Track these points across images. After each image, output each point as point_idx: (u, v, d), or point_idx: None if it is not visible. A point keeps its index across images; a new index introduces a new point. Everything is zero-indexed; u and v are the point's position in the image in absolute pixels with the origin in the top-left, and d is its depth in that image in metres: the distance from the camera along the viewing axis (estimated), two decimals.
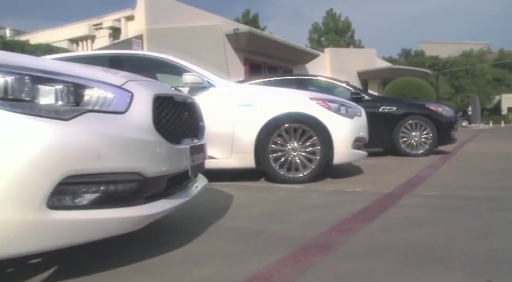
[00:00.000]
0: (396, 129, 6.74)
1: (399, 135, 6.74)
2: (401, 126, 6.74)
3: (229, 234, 2.35)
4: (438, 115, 6.88)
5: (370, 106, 6.68)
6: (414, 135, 6.76)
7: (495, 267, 1.68)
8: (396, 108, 6.86)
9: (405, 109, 6.89)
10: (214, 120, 4.12)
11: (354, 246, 2.01)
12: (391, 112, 6.82)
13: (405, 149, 6.73)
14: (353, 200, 3.20)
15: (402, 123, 6.76)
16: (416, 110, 6.93)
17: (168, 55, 4.41)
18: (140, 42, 10.74)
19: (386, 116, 6.82)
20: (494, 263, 1.72)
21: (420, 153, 6.68)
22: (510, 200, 3.05)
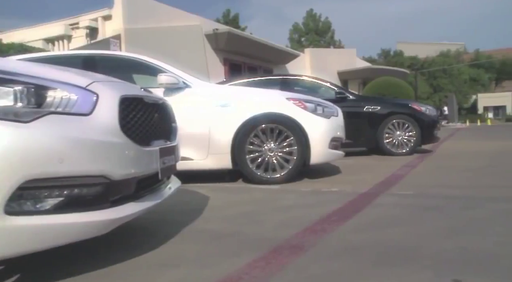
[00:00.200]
0: (380, 129, 6.76)
1: (384, 135, 6.77)
2: (385, 126, 6.77)
3: (202, 236, 2.32)
4: (421, 115, 6.94)
5: (354, 105, 6.82)
6: (398, 134, 6.79)
7: (463, 265, 1.69)
8: (380, 107, 6.89)
9: (389, 108, 6.93)
10: (190, 121, 4.10)
11: (326, 247, 2.00)
12: (376, 112, 6.85)
13: (390, 148, 6.77)
14: (329, 200, 3.20)
15: (387, 123, 6.79)
16: (400, 110, 6.97)
17: (143, 56, 4.35)
18: (118, 42, 10.59)
19: (370, 116, 6.84)
20: (462, 262, 1.73)
21: (404, 152, 6.73)
22: (482, 198, 3.09)
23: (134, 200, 1.89)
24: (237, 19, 39.29)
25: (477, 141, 10.92)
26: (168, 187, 2.48)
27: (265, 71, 17.81)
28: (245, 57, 16.58)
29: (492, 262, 1.72)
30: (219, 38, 14.59)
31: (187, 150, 4.08)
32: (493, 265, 1.69)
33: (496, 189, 3.52)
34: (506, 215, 2.54)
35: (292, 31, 43.01)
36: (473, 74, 49.67)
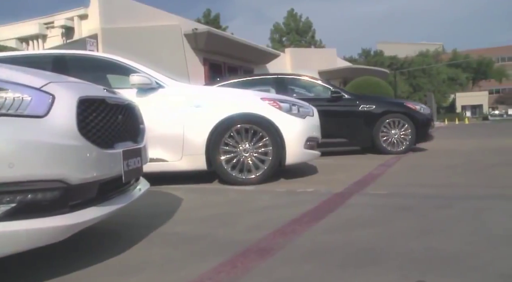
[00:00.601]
0: (376, 128, 6.77)
1: (380, 134, 6.78)
2: (381, 125, 6.77)
3: (170, 239, 2.27)
4: (416, 113, 6.97)
5: (350, 104, 6.88)
6: (394, 133, 6.81)
7: (429, 266, 1.68)
8: (376, 106, 6.88)
9: (384, 107, 6.93)
10: (164, 122, 4.04)
11: (295, 249, 1.97)
12: (371, 111, 6.85)
13: (386, 146, 6.78)
14: (303, 200, 3.18)
15: (382, 122, 6.79)
16: (395, 109, 6.99)
17: (115, 56, 4.26)
18: (95, 42, 10.40)
19: (366, 115, 6.84)
20: (429, 262, 1.72)
21: (400, 150, 6.75)
22: (454, 197, 3.11)
23: (96, 204, 1.83)
24: (218, 19, 39.13)
25: (454, 139, 11.09)
26: (138, 188, 2.43)
27: (245, 71, 17.75)
28: (225, 57, 16.49)
29: (457, 262, 1.71)
30: (199, 38, 14.47)
31: (161, 151, 4.03)
32: (458, 265, 1.68)
33: (469, 187, 3.55)
34: (475, 213, 2.55)
35: (273, 31, 43.07)
36: (451, 74, 50.57)
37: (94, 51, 10.28)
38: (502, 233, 2.09)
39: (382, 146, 6.78)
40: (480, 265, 1.67)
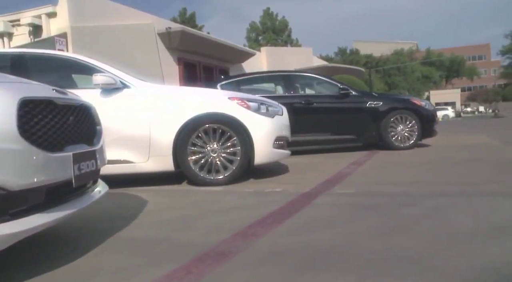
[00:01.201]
0: (383, 124, 6.80)
1: (388, 130, 6.81)
2: (388, 121, 6.81)
3: (128, 244, 2.19)
4: (422, 109, 7.05)
5: (357, 101, 6.90)
6: (401, 129, 6.86)
7: (387, 267, 1.66)
8: (383, 103, 6.90)
9: (391, 104, 6.98)
10: (130, 123, 3.95)
11: (253, 252, 1.92)
12: (378, 107, 6.85)
13: (394, 142, 6.83)
14: (270, 201, 3.14)
15: (389, 118, 6.83)
16: (401, 105, 7.04)
17: (79, 55, 4.14)
18: (64, 41, 10.12)
19: (373, 111, 6.85)
20: (387, 263, 1.69)
21: (407, 145, 6.82)
22: (419, 195, 3.12)
23: (43, 210, 1.74)
24: (194, 18, 38.88)
25: None
26: (97, 191, 2.35)
27: (220, 71, 17.65)
28: (200, 57, 16.34)
29: (416, 262, 1.69)
30: (173, 37, 14.29)
31: (127, 152, 3.94)
32: (416, 266, 1.66)
33: (435, 185, 3.57)
34: (438, 211, 2.55)
35: (249, 30, 43.02)
36: (425, 72, 51.55)
37: (63, 51, 10.04)
38: (461, 231, 2.09)
39: (391, 142, 6.83)
40: (438, 265, 1.65)
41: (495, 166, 4.50)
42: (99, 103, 3.91)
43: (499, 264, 1.62)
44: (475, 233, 2.04)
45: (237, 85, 7.15)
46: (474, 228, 2.12)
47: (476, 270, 1.58)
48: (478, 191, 3.14)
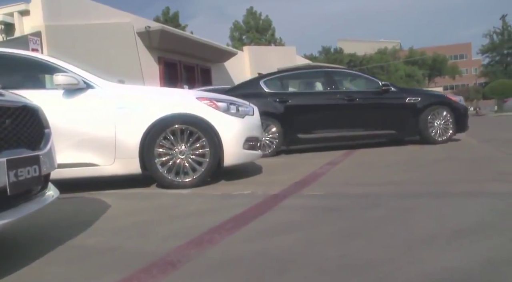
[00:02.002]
0: (422, 119, 6.88)
1: (428, 124, 6.89)
2: (427, 116, 6.89)
3: (77, 254, 2.08)
4: (456, 104, 7.20)
5: (397, 97, 7.02)
6: (438, 124, 6.96)
7: (338, 276, 1.58)
8: (421, 99, 6.99)
9: (429, 99, 7.07)
10: (94, 124, 3.83)
11: (204, 261, 1.83)
12: (417, 103, 6.93)
13: (434, 136, 6.92)
14: (235, 204, 3.05)
15: (428, 113, 6.90)
16: (438, 100, 7.16)
17: (39, 54, 3.99)
18: (38, 39, 9.87)
19: (412, 107, 6.92)
20: (339, 272, 1.61)
21: (444, 139, 6.95)
22: (387, 196, 3.05)
23: None
24: (177, 17, 38.54)
25: None
26: (49, 195, 2.23)
27: (202, 70, 17.50)
28: (181, 56, 16.16)
29: (368, 270, 1.61)
30: (152, 36, 14.10)
31: (92, 155, 3.81)
32: (367, 274, 1.58)
33: (405, 185, 3.52)
34: (402, 214, 2.49)
35: (232, 29, 42.81)
36: (408, 71, 52.00)
37: (38, 50, 9.80)
38: (421, 235, 2.02)
39: (431, 136, 6.92)
40: (391, 273, 1.58)
41: (468, 165, 4.47)
42: (61, 104, 3.81)
43: (454, 270, 1.55)
44: (435, 236, 1.98)
45: (280, 81, 7.24)
46: (435, 231, 2.06)
47: (430, 278, 1.51)
48: (446, 191, 3.09)
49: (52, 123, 3.61)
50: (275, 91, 6.91)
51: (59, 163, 3.64)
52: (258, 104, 6.12)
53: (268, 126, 6.46)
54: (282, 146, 6.75)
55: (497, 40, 49.74)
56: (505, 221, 2.18)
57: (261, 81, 6.97)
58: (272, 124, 6.50)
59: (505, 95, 30.61)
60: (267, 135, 6.47)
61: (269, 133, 6.52)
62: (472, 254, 1.71)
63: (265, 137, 6.39)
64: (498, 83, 33.18)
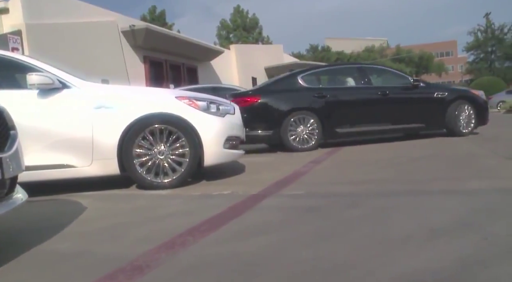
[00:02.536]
0: (449, 112, 7.14)
1: (455, 118, 7.17)
2: (454, 110, 7.15)
3: (43, 259, 2.01)
4: (479, 99, 7.48)
5: (426, 92, 7.29)
6: (464, 117, 7.24)
7: (309, 280, 1.53)
8: (448, 93, 7.25)
9: (455, 94, 7.33)
10: (70, 125, 3.74)
11: (173, 266, 1.77)
12: (445, 97, 7.18)
13: (461, 129, 7.21)
14: (214, 204, 3.00)
15: (454, 107, 7.15)
16: (464, 95, 7.43)
17: (11, 52, 3.88)
18: (19, 38, 9.70)
19: (440, 101, 7.17)
20: (310, 275, 1.57)
21: (468, 131, 7.25)
22: (367, 195, 3.03)
23: None
24: (164, 16, 38.32)
25: None
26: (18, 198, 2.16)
27: (188, 69, 17.39)
28: (167, 55, 16.03)
29: (339, 273, 1.58)
30: (137, 35, 13.95)
31: (69, 156, 3.73)
32: (338, 277, 1.54)
33: (386, 183, 3.49)
34: (380, 213, 2.46)
35: (220, 27, 42.65)
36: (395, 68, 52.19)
37: (18, 49, 9.63)
38: (397, 235, 1.99)
39: (459, 129, 7.20)
40: (361, 276, 1.54)
41: (450, 162, 4.48)
42: (36, 104, 3.71)
43: (426, 272, 1.52)
44: (411, 236, 1.95)
45: (316, 76, 7.37)
46: (412, 231, 2.03)
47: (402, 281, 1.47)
48: (426, 190, 3.07)
49: (26, 124, 3.58)
50: (312, 86, 7.03)
51: (35, 164, 3.62)
52: (297, 99, 6.65)
53: (307, 121, 6.61)
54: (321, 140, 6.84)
55: (481, 38, 50.25)
56: (481, 219, 2.16)
57: (298, 77, 7.01)
58: (312, 119, 6.62)
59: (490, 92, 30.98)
60: (306, 129, 6.61)
61: (308, 128, 6.63)
62: (446, 254, 1.68)
63: (304, 132, 6.59)
64: (483, 80, 33.59)
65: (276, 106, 6.62)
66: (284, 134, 6.50)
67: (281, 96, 6.71)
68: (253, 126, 6.37)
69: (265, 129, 6.57)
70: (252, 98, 6.61)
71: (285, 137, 6.51)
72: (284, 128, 6.49)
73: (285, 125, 6.49)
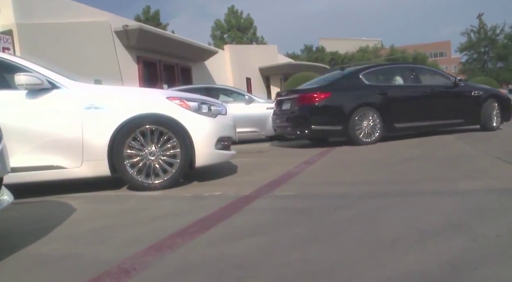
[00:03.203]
0: (484, 109, 7.87)
1: (490, 114, 7.93)
2: (488, 107, 7.90)
3: (28, 263, 1.98)
4: (504, 97, 8.44)
5: (466, 90, 7.98)
6: (494, 114, 7.99)
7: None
8: (483, 92, 8.01)
9: (488, 92, 8.11)
10: (59, 126, 3.71)
11: (160, 269, 1.75)
12: (480, 96, 7.92)
13: (494, 125, 7.96)
14: (204, 206, 2.98)
15: (488, 105, 7.90)
16: (494, 93, 8.28)
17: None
18: (10, 38, 9.61)
19: (477, 99, 7.88)
20: (298, 279, 1.56)
21: (496, 126, 8.02)
22: (359, 196, 3.01)
23: None
24: (158, 16, 38.21)
25: None
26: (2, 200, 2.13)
27: (182, 70, 17.33)
28: (160, 55, 15.96)
29: (326, 277, 1.56)
30: (130, 35, 13.88)
31: (59, 157, 3.69)
32: (328, 280, 1.53)
33: (377, 184, 3.48)
34: (371, 214, 2.45)
35: (214, 28, 42.59)
36: None
37: (10, 49, 9.55)
38: (387, 237, 1.97)
39: (492, 125, 7.95)
40: (350, 278, 1.53)
41: (441, 163, 4.48)
42: (25, 105, 3.67)
43: (413, 274, 1.51)
44: (400, 238, 1.94)
45: (375, 74, 7.67)
46: (401, 233, 2.02)
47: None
48: (417, 190, 3.07)
49: (15, 125, 3.55)
50: (373, 84, 7.36)
51: (24, 166, 3.58)
52: (363, 96, 7.06)
53: (370, 116, 6.96)
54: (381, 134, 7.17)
55: (474, 39, 50.52)
56: (471, 220, 2.15)
57: (360, 75, 7.35)
58: (374, 114, 6.97)
59: None
60: (370, 124, 6.97)
61: (371, 123, 6.98)
62: (434, 256, 1.67)
63: (368, 127, 6.95)
64: (476, 81, 33.74)
65: (345, 102, 6.96)
66: (352, 129, 6.85)
67: (348, 93, 7.08)
68: (323, 121, 6.86)
69: (334, 124, 6.92)
70: (321, 94, 6.91)
71: (353, 132, 6.87)
72: (352, 123, 6.84)
73: (353, 120, 6.85)
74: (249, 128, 8.92)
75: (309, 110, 6.88)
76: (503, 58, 48.81)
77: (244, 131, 8.44)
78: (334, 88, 7.15)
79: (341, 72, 7.90)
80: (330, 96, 6.89)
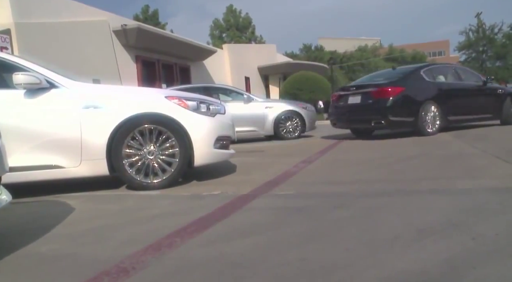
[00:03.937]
0: (505, 106, 8.91)
1: (509, 110, 8.96)
2: (508, 104, 8.93)
3: (26, 262, 1.98)
4: None
5: (494, 88, 9.11)
6: None
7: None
8: (504, 91, 9.17)
9: (507, 91, 9.27)
10: (58, 125, 3.70)
11: (158, 268, 1.75)
12: (503, 93, 9.01)
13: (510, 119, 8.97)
14: (203, 205, 2.97)
15: (509, 102, 8.94)
16: (510, 92, 9.22)
17: None
18: (8, 37, 9.61)
19: (501, 96, 8.96)
20: (295, 278, 1.56)
21: None
22: (357, 195, 3.01)
23: None
24: (157, 15, 38.20)
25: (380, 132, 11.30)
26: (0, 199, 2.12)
27: (181, 69, 17.33)
28: (159, 54, 15.99)
29: (325, 276, 1.56)
30: (129, 34, 13.90)
31: (57, 157, 3.68)
32: (326, 279, 1.53)
33: (376, 183, 3.48)
34: (369, 213, 2.45)
35: (213, 27, 42.56)
36: (388, 68, 52.30)
37: (8, 49, 9.54)
38: (385, 236, 1.98)
39: (510, 120, 8.93)
40: (348, 277, 1.53)
41: (440, 162, 4.48)
42: (23, 104, 3.66)
43: (411, 273, 1.51)
44: (399, 237, 1.94)
45: (431, 72, 8.26)
46: (400, 231, 2.02)
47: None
48: (415, 189, 3.07)
49: (13, 124, 3.54)
50: (432, 80, 8.12)
51: (22, 165, 3.58)
52: (427, 91, 7.81)
53: (432, 110, 7.67)
54: None
55: (472, 38, 50.51)
56: (469, 219, 2.16)
57: (421, 72, 8.09)
58: (435, 108, 7.69)
59: None
60: (431, 116, 7.65)
61: (432, 115, 7.67)
62: (433, 254, 1.67)
63: (430, 118, 7.63)
64: None
65: (415, 96, 7.68)
66: (421, 121, 7.53)
67: (417, 88, 7.79)
68: (399, 113, 7.51)
69: (408, 116, 7.58)
70: (396, 88, 7.50)
71: (421, 123, 7.54)
72: (421, 115, 7.51)
73: (421, 113, 7.52)
74: (248, 128, 8.94)
75: (387, 102, 7.40)
76: (501, 57, 48.85)
77: (243, 131, 8.46)
78: (405, 83, 7.73)
79: (393, 70, 8.82)
80: (404, 90, 7.53)
